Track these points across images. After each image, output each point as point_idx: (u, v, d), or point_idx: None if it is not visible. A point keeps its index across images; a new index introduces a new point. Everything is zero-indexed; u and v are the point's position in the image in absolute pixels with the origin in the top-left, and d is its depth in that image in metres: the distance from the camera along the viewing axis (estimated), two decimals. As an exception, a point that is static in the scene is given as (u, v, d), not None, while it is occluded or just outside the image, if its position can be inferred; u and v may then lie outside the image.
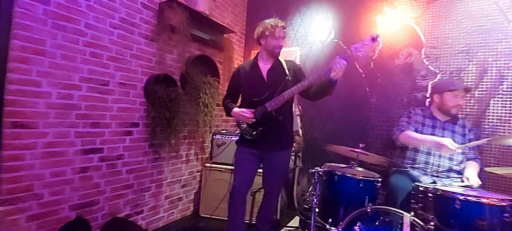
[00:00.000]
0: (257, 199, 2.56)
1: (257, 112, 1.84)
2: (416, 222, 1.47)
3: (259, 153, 1.92)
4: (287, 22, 3.21)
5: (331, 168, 1.94)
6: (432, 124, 2.02)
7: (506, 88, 2.21)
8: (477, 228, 1.25)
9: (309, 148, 2.97)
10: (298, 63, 2.00)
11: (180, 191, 2.71)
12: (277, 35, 1.84)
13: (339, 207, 1.87)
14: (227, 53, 3.08)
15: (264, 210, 2.06)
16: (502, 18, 2.26)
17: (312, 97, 1.88)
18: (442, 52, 2.46)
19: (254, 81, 1.92)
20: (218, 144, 2.79)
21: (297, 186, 2.98)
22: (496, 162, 2.17)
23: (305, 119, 3.05)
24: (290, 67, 1.92)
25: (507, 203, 1.25)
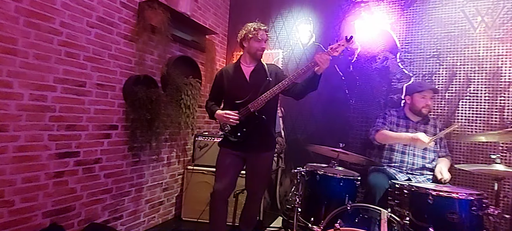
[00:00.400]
0: (240, 201, 2.57)
1: (240, 113, 1.85)
2: (393, 218, 1.54)
3: (242, 154, 1.93)
4: (269, 25, 3.25)
5: (313, 168, 1.99)
6: (405, 124, 2.13)
7: (473, 91, 2.37)
8: (448, 221, 1.33)
9: (291, 149, 3.02)
10: (280, 67, 2.04)
11: (161, 195, 2.65)
12: (260, 37, 1.87)
13: (320, 206, 1.91)
14: (209, 55, 3.06)
15: (247, 212, 2.07)
16: (468, 26, 2.42)
17: (298, 95, 1.92)
18: (415, 56, 2.59)
19: (237, 84, 1.93)
20: (200, 146, 2.76)
21: (280, 187, 3.01)
22: (465, 159, 2.32)
23: (288, 120, 3.10)
24: (271, 70, 1.96)
25: (474, 197, 1.35)
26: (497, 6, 2.33)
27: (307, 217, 1.91)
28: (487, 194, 1.86)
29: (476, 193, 1.38)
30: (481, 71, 2.35)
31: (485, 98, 2.33)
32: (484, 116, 2.32)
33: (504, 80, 2.28)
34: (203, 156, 2.76)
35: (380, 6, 2.76)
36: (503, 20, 2.30)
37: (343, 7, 2.91)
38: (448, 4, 2.49)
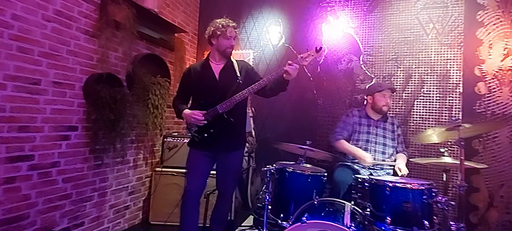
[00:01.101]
0: (211, 201, 2.54)
1: (208, 114, 1.83)
2: (356, 210, 1.63)
3: (212, 154, 1.91)
4: (240, 25, 3.27)
5: (282, 166, 2.03)
6: (367, 122, 2.27)
7: (426, 91, 2.59)
8: (403, 210, 1.45)
9: (262, 148, 3.06)
10: (249, 63, 2.06)
11: (127, 199, 2.54)
12: (228, 35, 1.85)
13: (289, 202, 1.95)
14: (178, 53, 3.00)
15: (218, 211, 2.05)
16: (422, 32, 2.64)
17: (267, 95, 1.96)
18: (376, 59, 2.77)
19: (206, 82, 1.91)
20: (169, 147, 2.69)
21: (251, 186, 3.03)
22: (419, 154, 2.53)
23: (258, 120, 3.14)
24: (241, 68, 1.95)
25: (425, 187, 1.48)
26: (446, 14, 2.57)
27: (277, 214, 1.95)
28: (438, 184, 2.04)
29: (427, 183, 1.52)
30: (433, 74, 2.58)
31: (436, 98, 2.56)
32: (435, 114, 2.55)
33: (452, 82, 2.52)
34: (172, 157, 2.68)
35: (345, 11, 2.90)
36: (451, 27, 2.55)
37: (311, 11, 3.02)
38: (404, 12, 2.69)
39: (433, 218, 1.47)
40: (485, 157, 2.36)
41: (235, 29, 1.90)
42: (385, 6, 2.76)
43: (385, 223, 1.46)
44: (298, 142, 2.13)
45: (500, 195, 2.31)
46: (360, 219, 1.61)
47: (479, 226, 2.34)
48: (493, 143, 2.35)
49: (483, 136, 2.37)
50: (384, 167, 2.14)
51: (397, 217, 1.45)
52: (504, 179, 2.30)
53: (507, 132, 2.32)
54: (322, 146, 2.81)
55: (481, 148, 2.38)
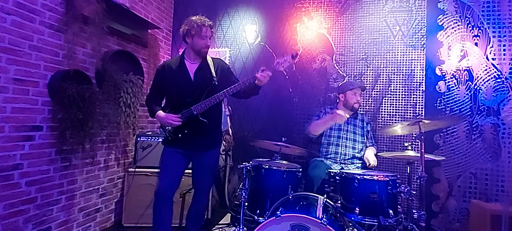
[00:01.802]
0: (187, 200, 2.52)
1: (183, 116, 1.81)
2: (328, 202, 1.70)
3: (187, 152, 1.89)
4: (216, 23, 3.25)
5: (259, 163, 2.06)
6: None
7: (394, 90, 2.75)
8: (371, 200, 1.54)
9: (239, 146, 3.07)
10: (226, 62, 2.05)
11: (98, 201, 2.43)
12: (203, 34, 1.81)
13: (266, 198, 1.98)
14: (152, 50, 2.92)
15: (194, 210, 2.04)
16: (389, 33, 2.79)
17: (240, 97, 1.97)
18: (348, 59, 2.89)
19: (181, 81, 1.88)
20: (143, 147, 2.62)
21: (229, 184, 3.03)
22: (387, 148, 2.68)
23: (235, 118, 3.14)
24: (217, 67, 1.94)
25: (390, 178, 1.59)
26: (411, 18, 2.74)
27: (254, 210, 1.97)
28: (403, 176, 2.19)
29: (391, 175, 1.63)
30: (399, 73, 2.74)
31: (402, 96, 2.72)
32: (401, 110, 2.71)
33: (416, 81, 2.69)
34: (146, 157, 2.61)
35: (319, 12, 2.99)
36: (415, 30, 2.72)
37: (286, 10, 3.08)
38: (373, 14, 2.83)
39: (398, 207, 1.58)
40: (444, 150, 2.56)
41: (211, 29, 1.86)
42: (356, 9, 2.89)
43: (354, 213, 1.54)
44: (274, 139, 2.17)
45: (458, 184, 2.52)
46: (332, 211, 1.68)
47: (440, 214, 2.54)
48: (452, 137, 2.56)
49: (443, 131, 2.56)
50: (355, 162, 2.25)
51: (365, 207, 1.54)
52: (461, 170, 2.52)
53: (464, 126, 2.54)
54: (298, 143, 2.88)
55: (441, 142, 2.57)
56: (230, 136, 3.00)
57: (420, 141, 1.66)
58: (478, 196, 2.46)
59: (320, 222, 1.37)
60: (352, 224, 1.59)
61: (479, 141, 2.49)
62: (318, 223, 1.38)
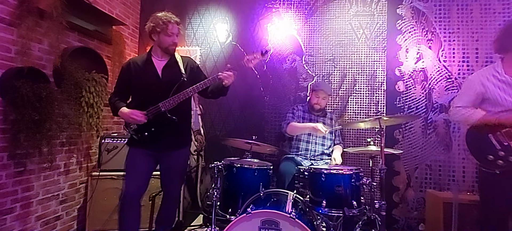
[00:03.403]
0: (156, 203, 2.44)
1: (149, 113, 1.75)
2: (298, 197, 1.76)
3: (154, 153, 1.83)
4: (185, 21, 3.19)
5: (230, 162, 2.06)
6: (309, 117, 2.48)
7: (358, 89, 2.91)
8: (336, 193, 1.63)
9: (211, 146, 3.04)
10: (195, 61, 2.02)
11: (58, 209, 2.27)
12: (170, 31, 1.77)
13: (238, 197, 1.99)
14: (117, 48, 2.79)
15: (164, 212, 1.98)
16: (354, 36, 2.95)
17: (208, 97, 1.95)
18: (316, 59, 3.00)
19: (148, 79, 1.82)
20: (108, 149, 2.49)
21: (201, 185, 2.99)
22: (353, 144, 2.82)
23: (207, 118, 3.11)
24: (187, 65, 1.91)
25: (353, 171, 1.69)
26: (373, 22, 2.91)
27: (226, 209, 1.98)
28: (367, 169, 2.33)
29: (355, 168, 1.73)
30: (363, 74, 2.91)
31: (365, 95, 2.89)
32: (365, 108, 2.88)
33: (378, 81, 2.87)
34: (111, 160, 2.49)
35: (288, 13, 3.07)
36: (377, 33, 2.90)
37: (257, 10, 3.11)
38: (339, 17, 2.97)
39: (361, 198, 1.68)
40: (403, 145, 2.76)
41: (178, 26, 1.82)
42: (323, 11, 3.00)
43: (321, 206, 1.61)
44: (247, 138, 2.19)
45: (415, 176, 2.73)
46: (301, 206, 1.74)
47: (400, 204, 2.74)
48: (410, 132, 2.77)
49: (402, 126, 2.77)
50: (324, 158, 2.35)
51: (331, 200, 1.62)
52: (418, 163, 2.74)
53: (420, 122, 2.76)
54: (270, 141, 2.93)
55: (401, 137, 2.78)
56: (202, 136, 2.97)
57: (380, 136, 1.79)
58: (433, 186, 2.69)
59: (289, 217, 1.42)
60: (320, 216, 1.66)
61: (433, 135, 2.72)
62: (287, 217, 1.42)
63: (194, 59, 3.10)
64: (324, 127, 2.18)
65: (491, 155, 1.61)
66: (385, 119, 1.82)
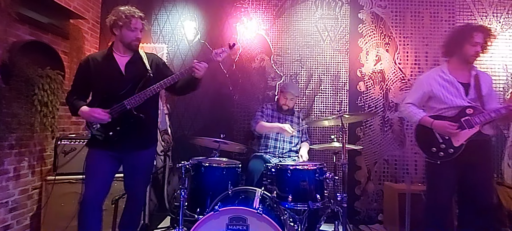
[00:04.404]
0: (120, 207, 2.33)
1: (113, 111, 1.67)
2: (265, 194, 1.80)
3: (117, 154, 1.74)
4: (151, 17, 3.09)
5: (198, 161, 2.04)
6: (278, 115, 2.55)
7: (324, 89, 3.04)
8: (302, 188, 1.70)
9: (179, 145, 2.98)
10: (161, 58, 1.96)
11: (7, 217, 2.07)
12: (133, 26, 1.70)
13: (206, 196, 1.97)
14: (75, 43, 2.61)
15: (128, 216, 1.90)
16: (319, 38, 3.08)
17: (177, 93, 1.91)
18: (284, 59, 3.08)
19: (110, 75, 1.73)
20: (65, 151, 2.32)
21: (168, 186, 2.91)
22: (319, 141, 2.95)
23: (174, 117, 3.04)
24: (152, 61, 1.84)
25: (317, 166, 1.78)
26: (337, 25, 3.07)
27: (194, 209, 1.95)
28: (331, 165, 2.46)
29: (319, 163, 1.82)
30: (328, 74, 3.05)
31: (330, 94, 3.03)
32: (330, 107, 3.02)
33: (342, 81, 3.03)
34: (69, 162, 2.33)
35: (257, 13, 3.11)
36: (340, 36, 3.06)
37: (226, 9, 3.11)
38: (306, 19, 3.08)
39: (325, 192, 1.77)
40: (364, 141, 2.95)
41: (142, 21, 1.75)
42: (291, 13, 3.09)
43: (287, 201, 1.67)
44: (215, 137, 2.18)
45: (375, 170, 2.94)
46: (269, 202, 1.79)
47: (362, 197, 2.92)
48: (369, 129, 2.97)
49: (363, 124, 2.95)
50: (291, 155, 2.42)
51: (296, 194, 1.69)
52: (377, 158, 2.94)
53: (378, 120, 2.97)
54: (239, 139, 2.95)
55: (362, 134, 2.96)
56: (169, 136, 2.90)
57: (342, 133, 1.89)
58: (389, 178, 2.92)
59: (256, 212, 1.45)
60: (287, 211, 1.72)
61: (389, 132, 2.95)
62: (255, 213, 1.46)
63: (161, 56, 3.03)
64: (291, 128, 2.26)
65: (434, 147, 1.80)
66: (346, 116, 1.94)
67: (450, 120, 1.79)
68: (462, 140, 1.76)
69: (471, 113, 1.77)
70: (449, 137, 1.78)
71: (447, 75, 1.86)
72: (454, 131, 1.75)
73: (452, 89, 1.83)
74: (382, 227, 2.75)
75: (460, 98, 1.81)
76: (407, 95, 2.05)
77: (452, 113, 1.82)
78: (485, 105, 1.80)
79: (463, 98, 1.81)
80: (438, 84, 1.87)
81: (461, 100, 1.80)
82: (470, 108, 1.78)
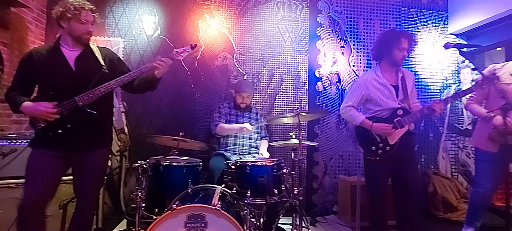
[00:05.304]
0: (69, 212, 2.17)
1: (63, 107, 1.55)
2: (226, 191, 1.82)
3: (64, 154, 1.61)
4: (105, 9, 2.91)
5: (157, 160, 1.98)
6: (236, 113, 2.59)
7: (284, 88, 3.15)
8: (260, 183, 1.76)
9: (136, 145, 2.85)
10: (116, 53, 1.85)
11: None
12: (83, 19, 1.60)
13: (165, 196, 1.93)
14: (16, 34, 2.36)
15: (78, 220, 1.77)
16: (281, 39, 3.18)
17: (134, 91, 1.84)
18: (247, 58, 3.12)
19: (58, 71, 1.60)
20: (3, 153, 2.09)
21: (125, 188, 2.78)
22: (279, 138, 3.05)
23: (132, 115, 2.91)
24: (105, 56, 1.74)
25: (275, 162, 1.85)
26: (297, 27, 3.19)
27: (152, 210, 1.89)
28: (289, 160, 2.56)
29: (276, 159, 1.90)
30: (289, 74, 3.16)
31: (291, 93, 3.15)
32: (290, 105, 3.14)
33: (301, 81, 3.17)
34: (8, 165, 2.10)
35: (220, 11, 3.10)
36: (300, 38, 3.19)
37: (188, 5, 3.05)
38: (268, 20, 3.16)
39: (282, 186, 1.85)
40: (321, 138, 3.12)
41: (94, 13, 1.65)
42: (254, 13, 3.15)
43: (246, 197, 1.72)
44: (175, 136, 2.13)
45: (330, 165, 3.13)
46: (229, 199, 1.81)
47: (319, 190, 3.09)
48: (326, 127, 3.15)
49: (320, 122, 3.12)
50: (252, 151, 2.48)
51: (255, 190, 1.74)
52: (333, 153, 3.14)
53: (334, 119, 3.16)
54: (201, 138, 2.92)
55: (319, 131, 3.13)
56: (126, 135, 2.77)
57: (299, 130, 2.00)
58: (343, 172, 3.13)
59: (214, 209, 1.46)
60: (246, 207, 1.76)
61: (344, 130, 3.16)
62: (213, 210, 1.47)
63: (116, 50, 2.89)
64: (251, 126, 2.32)
65: (374, 146, 1.99)
66: (303, 114, 2.04)
67: (385, 120, 1.99)
68: (396, 138, 1.98)
69: (401, 114, 1.99)
70: (386, 136, 1.98)
71: (381, 79, 2.05)
72: (390, 131, 1.95)
73: (386, 92, 2.03)
74: (336, 217, 2.95)
75: (393, 100, 2.02)
76: (346, 97, 2.22)
77: (386, 115, 2.02)
78: (410, 102, 2.04)
79: (394, 100, 2.02)
80: (374, 87, 2.05)
81: (393, 102, 2.01)
82: (400, 110, 2.00)
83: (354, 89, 2.14)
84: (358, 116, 2.07)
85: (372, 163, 2.03)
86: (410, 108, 2.02)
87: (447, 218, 2.81)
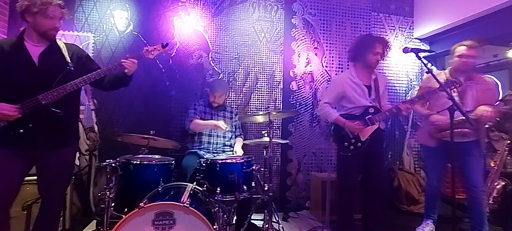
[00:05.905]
0: (34, 213, 2.09)
1: (25, 106, 1.49)
2: (196, 188, 1.84)
3: (27, 153, 1.56)
4: (75, 3, 2.81)
5: (127, 159, 1.96)
6: (210, 111, 2.59)
7: (259, 86, 3.20)
8: (230, 180, 1.79)
9: (107, 144, 2.78)
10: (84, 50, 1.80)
11: None
12: (50, 14, 1.54)
13: (136, 195, 1.89)
14: (-27, 26, 2.22)
15: (42, 221, 1.71)
16: (256, 38, 3.22)
17: (106, 88, 1.81)
18: (222, 57, 3.14)
19: (19, 67, 1.54)
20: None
21: (94, 188, 2.71)
22: (254, 136, 3.10)
23: (102, 113, 2.83)
24: (72, 53, 1.70)
25: (244, 160, 1.90)
26: (272, 27, 3.25)
27: (122, 210, 1.87)
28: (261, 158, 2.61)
29: (246, 157, 1.95)
30: (264, 73, 3.22)
31: (266, 92, 3.21)
32: (265, 104, 3.20)
33: (276, 80, 3.24)
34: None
35: (195, 9, 3.09)
36: (276, 38, 3.25)
37: (162, 2, 3.01)
38: (244, 20, 3.19)
39: (252, 183, 1.89)
40: (295, 136, 3.21)
41: (62, 9, 1.60)
42: (229, 12, 3.16)
43: (216, 193, 1.75)
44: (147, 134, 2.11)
45: (304, 162, 3.23)
46: (200, 196, 1.83)
47: (292, 187, 3.19)
48: (300, 125, 3.24)
49: (294, 120, 3.21)
50: (225, 149, 2.50)
51: (224, 187, 1.77)
52: (306, 151, 3.24)
53: (308, 117, 3.26)
54: (176, 136, 2.90)
55: (293, 130, 3.22)
56: (96, 133, 2.69)
57: (269, 128, 2.06)
58: (316, 169, 3.24)
59: (183, 206, 1.48)
60: (217, 204, 1.79)
61: (317, 128, 3.27)
62: (181, 207, 1.48)
63: (86, 46, 2.80)
64: (225, 124, 2.35)
65: (346, 142, 2.10)
66: (274, 113, 2.11)
67: (358, 118, 2.11)
68: (367, 135, 2.10)
69: (372, 113, 2.11)
70: (358, 133, 2.09)
71: (355, 79, 2.18)
72: (361, 128, 2.06)
73: (359, 91, 2.15)
74: (308, 213, 3.05)
75: (365, 98, 2.14)
76: (323, 94, 2.33)
77: (358, 112, 2.14)
78: (381, 103, 2.18)
79: (367, 99, 2.14)
80: (349, 86, 2.17)
81: (365, 101, 2.14)
82: (371, 108, 2.13)
83: (331, 88, 2.27)
84: (333, 113, 2.18)
85: (344, 158, 2.14)
86: (381, 108, 2.15)
87: (410, 211, 3.01)
